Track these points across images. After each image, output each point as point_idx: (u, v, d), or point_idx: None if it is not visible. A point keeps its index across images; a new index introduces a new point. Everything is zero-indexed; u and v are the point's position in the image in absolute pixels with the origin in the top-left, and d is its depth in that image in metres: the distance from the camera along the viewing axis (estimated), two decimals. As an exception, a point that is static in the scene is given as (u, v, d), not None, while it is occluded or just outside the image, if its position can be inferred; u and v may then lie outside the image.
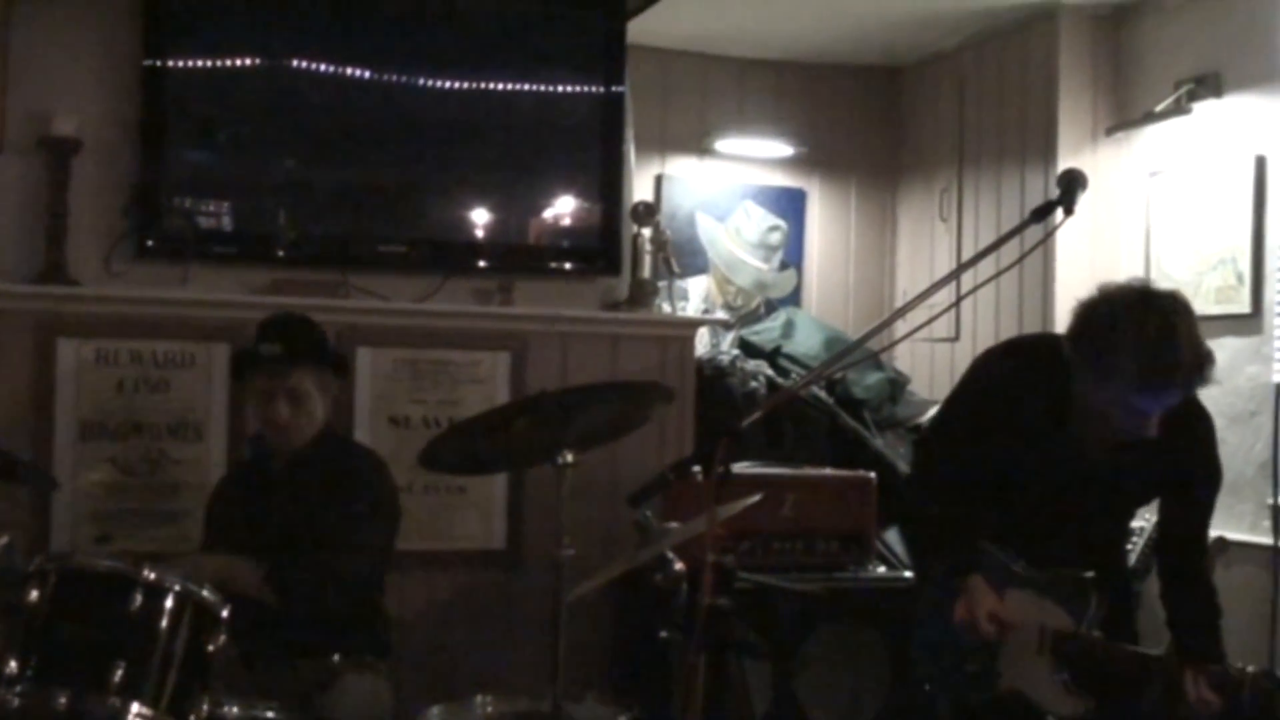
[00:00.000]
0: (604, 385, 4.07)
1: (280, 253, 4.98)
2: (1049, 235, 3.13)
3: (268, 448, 4.12)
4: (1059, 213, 3.05)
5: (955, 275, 3.09)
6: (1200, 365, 3.20)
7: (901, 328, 3.26)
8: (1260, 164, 4.93)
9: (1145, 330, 3.15)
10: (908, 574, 4.82)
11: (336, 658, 3.92)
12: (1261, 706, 3.12)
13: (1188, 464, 3.47)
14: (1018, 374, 3.52)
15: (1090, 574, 3.45)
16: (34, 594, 3.25)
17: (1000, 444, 3.50)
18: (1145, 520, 4.70)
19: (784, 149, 6.40)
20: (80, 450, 4.70)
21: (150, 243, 4.85)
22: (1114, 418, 3.27)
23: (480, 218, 5.25)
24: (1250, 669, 3.17)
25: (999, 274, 3.20)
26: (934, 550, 3.78)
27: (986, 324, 5.86)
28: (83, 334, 4.71)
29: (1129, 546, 4.47)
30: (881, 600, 4.70)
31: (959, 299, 3.31)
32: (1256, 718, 3.13)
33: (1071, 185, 3.05)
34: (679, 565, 3.41)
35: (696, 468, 2.99)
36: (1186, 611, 3.52)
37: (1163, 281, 4.57)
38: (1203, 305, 5.02)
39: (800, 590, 4.48)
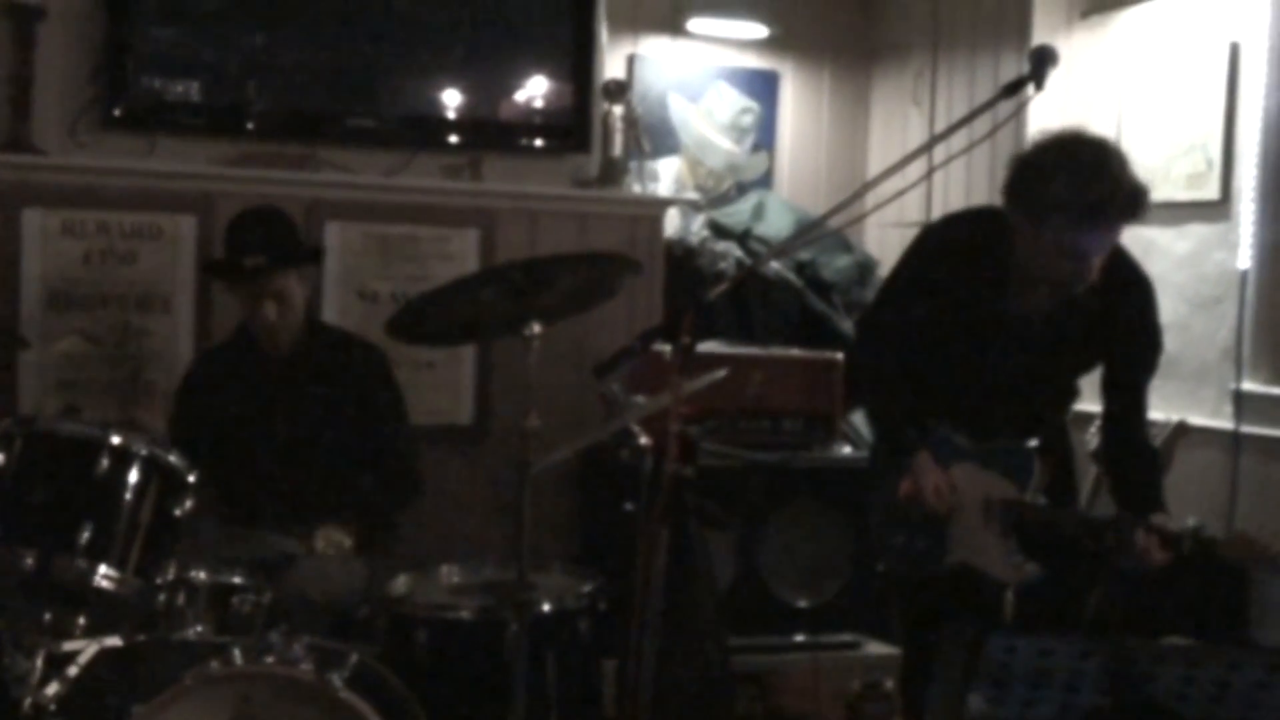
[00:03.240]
0: (570, 256, 4.06)
1: (249, 125, 4.94)
2: (1020, 109, 3.15)
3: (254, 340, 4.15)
4: (1030, 88, 3.06)
5: (926, 148, 3.10)
6: (1135, 195, 3.24)
7: (871, 207, 3.25)
8: (1234, 50, 4.90)
9: (1078, 164, 3.21)
10: (873, 454, 4.87)
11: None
12: (1201, 555, 3.21)
13: (1127, 327, 3.51)
14: (955, 246, 3.55)
15: (1033, 443, 3.50)
16: (0, 458, 3.26)
17: (940, 318, 3.53)
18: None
19: (757, 30, 6.35)
20: (47, 321, 4.68)
21: (117, 113, 4.80)
22: (1055, 267, 3.30)
23: (450, 93, 5.21)
24: (1189, 522, 3.24)
25: (970, 147, 3.21)
26: (878, 429, 3.84)
27: (958, 207, 5.84)
28: (48, 204, 4.67)
29: (1091, 431, 4.52)
30: (845, 479, 4.75)
31: (930, 172, 3.31)
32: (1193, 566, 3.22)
33: (1042, 60, 3.06)
34: (645, 439, 3.43)
35: (663, 342, 3.01)
36: (1128, 470, 3.58)
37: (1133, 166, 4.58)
38: (1172, 191, 5.02)
39: (764, 462, 4.52)
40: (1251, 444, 4.72)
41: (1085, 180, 3.17)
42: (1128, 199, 3.22)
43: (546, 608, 3.57)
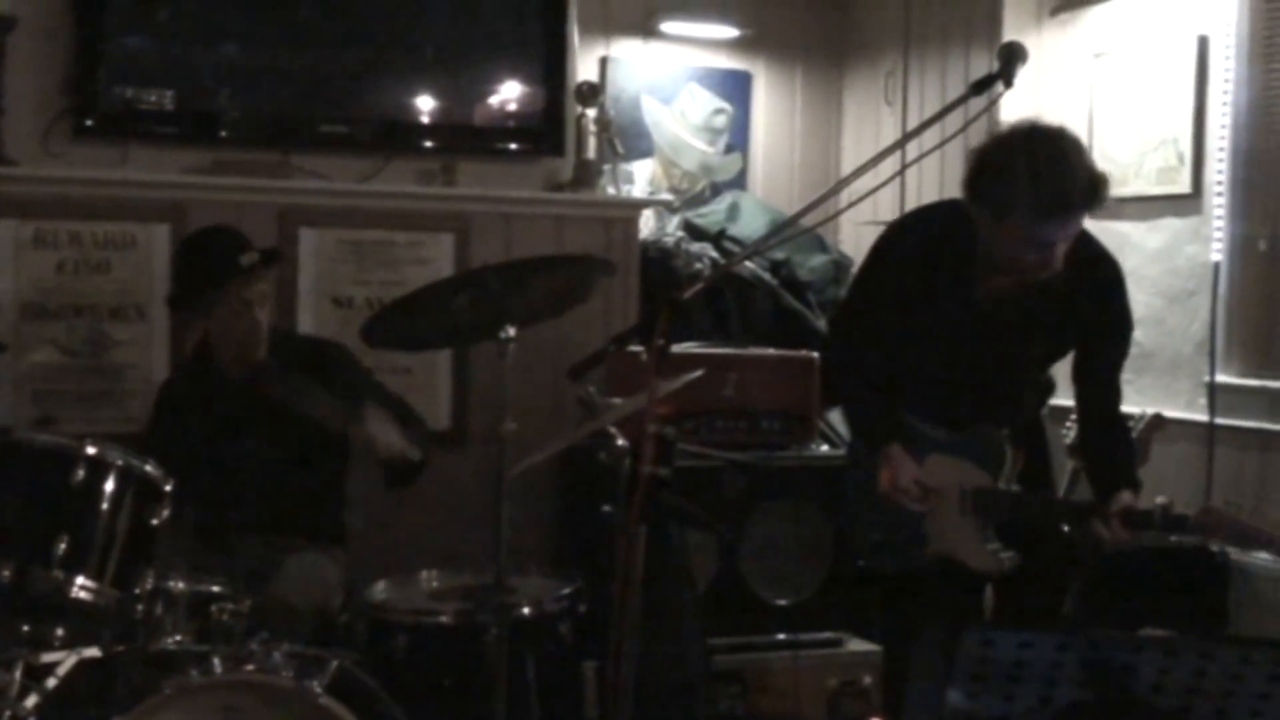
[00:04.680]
0: (545, 259, 4.06)
1: (221, 133, 4.93)
2: (991, 106, 3.15)
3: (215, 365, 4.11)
4: (999, 85, 3.07)
5: (898, 146, 3.10)
6: (1094, 185, 3.26)
7: (845, 204, 3.27)
8: (1202, 44, 4.93)
9: (1035, 156, 3.22)
10: (851, 452, 4.88)
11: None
12: (1171, 531, 3.26)
13: (1097, 310, 3.53)
14: (919, 241, 3.57)
15: (1005, 430, 3.52)
16: (-25, 470, 3.25)
17: (909, 312, 3.55)
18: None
19: (729, 30, 6.36)
20: (21, 332, 4.66)
21: (89, 122, 4.79)
22: (1020, 259, 3.32)
23: (423, 98, 5.21)
24: (1158, 500, 3.28)
25: (942, 144, 3.21)
26: (853, 425, 3.85)
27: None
28: (21, 214, 4.66)
29: (1068, 425, 4.54)
30: (824, 478, 4.75)
31: (902, 169, 3.33)
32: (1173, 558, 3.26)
33: (1011, 58, 3.07)
34: (622, 441, 3.44)
35: (638, 343, 3.01)
36: (1103, 452, 3.60)
37: (1104, 163, 4.60)
38: (1144, 186, 5.05)
39: (742, 462, 4.53)
40: (1226, 435, 4.75)
41: (1045, 178, 3.19)
42: (1087, 188, 3.24)
43: (526, 611, 3.57)
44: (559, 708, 3.61)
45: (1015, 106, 5.10)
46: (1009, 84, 3.06)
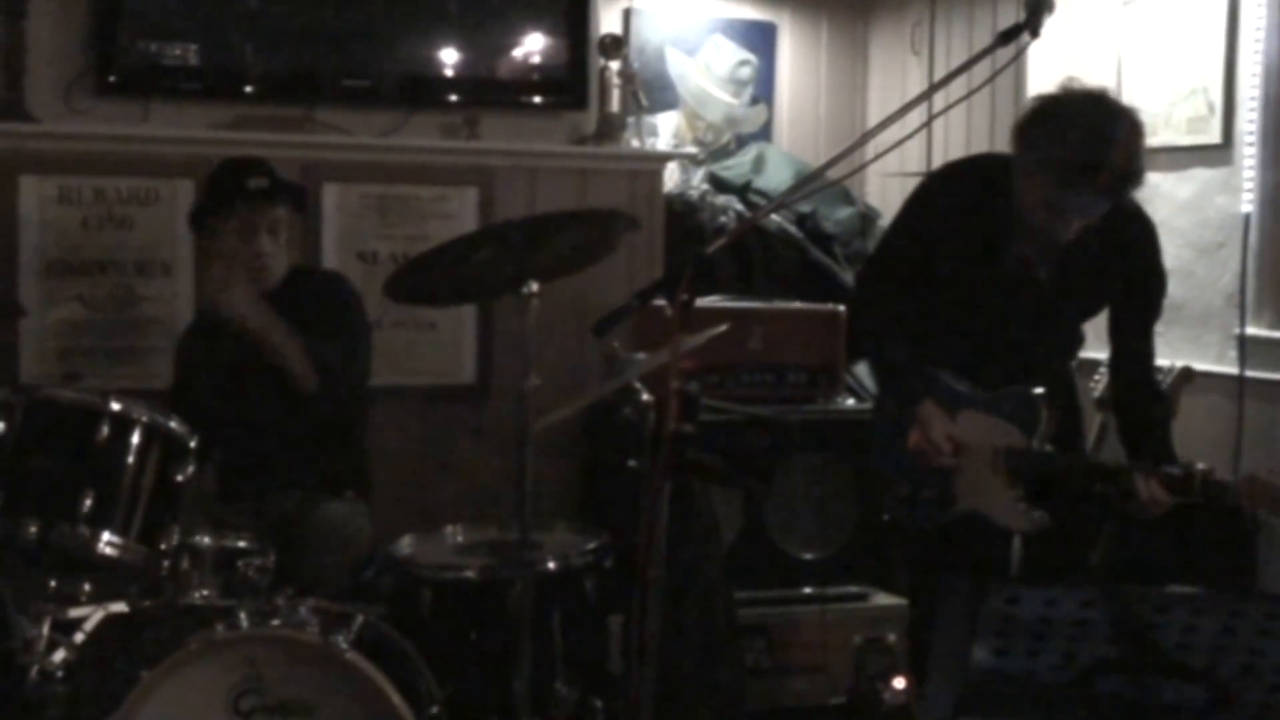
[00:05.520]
0: (568, 213, 4.04)
1: (245, 88, 4.92)
2: (1018, 56, 3.12)
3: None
4: (1026, 35, 3.04)
5: (925, 97, 3.07)
6: (1125, 177, 3.23)
7: (871, 157, 3.24)
8: (1234, -7, 4.88)
9: (1086, 126, 3.20)
10: (876, 406, 4.86)
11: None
12: (1211, 499, 3.22)
13: (1132, 269, 3.51)
14: (956, 195, 3.54)
15: (1039, 390, 3.49)
16: (1, 426, 3.26)
17: (943, 266, 3.52)
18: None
19: (755, -19, 6.32)
20: (46, 288, 4.68)
21: (112, 79, 4.79)
22: (1032, 214, 3.30)
23: (446, 52, 5.19)
24: (1200, 466, 3.25)
25: (969, 95, 3.18)
26: (882, 380, 3.82)
27: (958, 155, 5.81)
28: (45, 171, 4.67)
29: (1095, 379, 4.51)
30: (850, 432, 4.73)
31: (929, 120, 3.29)
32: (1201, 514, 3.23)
33: (1038, 7, 3.03)
34: (647, 396, 3.42)
35: (663, 298, 2.99)
36: (1137, 416, 3.58)
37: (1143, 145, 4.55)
38: (1173, 136, 5.00)
39: (767, 416, 4.52)
40: (1256, 388, 4.71)
41: (1085, 146, 3.17)
42: (1116, 176, 3.22)
43: (551, 566, 3.57)
44: (584, 663, 3.62)
45: (1043, 56, 5.06)
46: (1035, 34, 3.02)
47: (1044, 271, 3.45)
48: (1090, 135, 3.18)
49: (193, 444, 3.39)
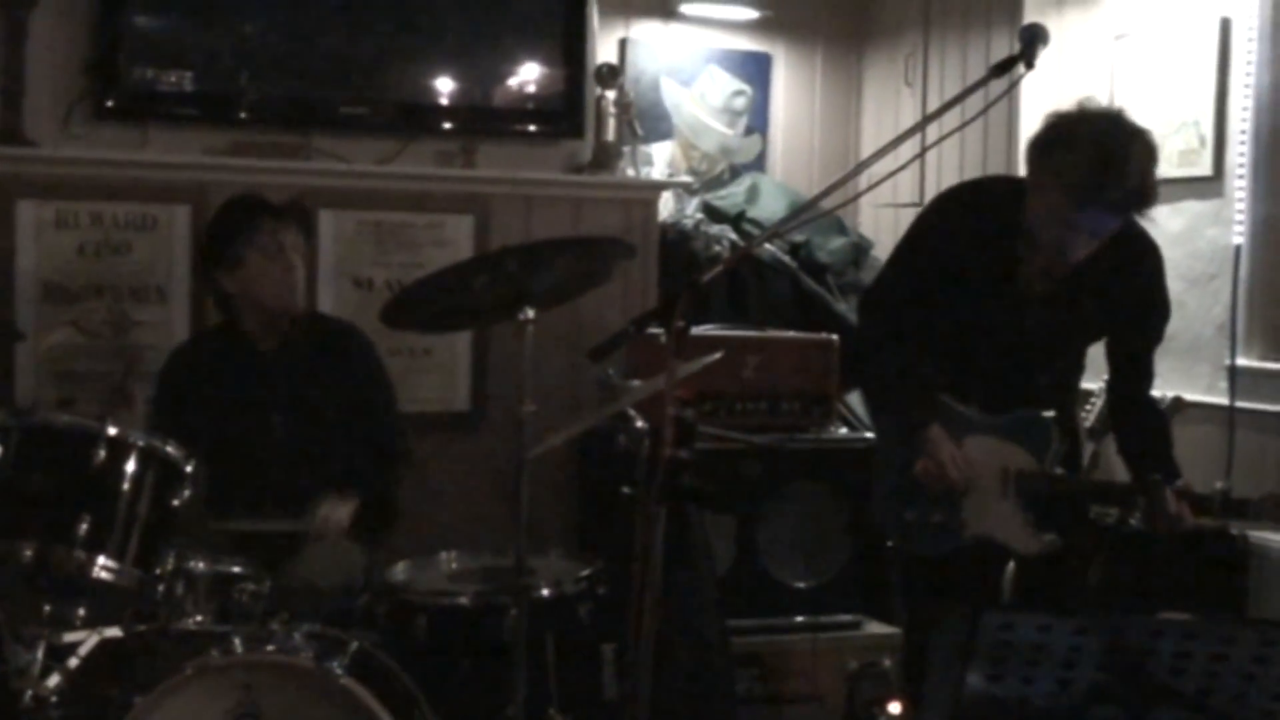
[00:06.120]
0: (564, 240, 4.07)
1: (241, 114, 4.93)
2: (1012, 88, 3.14)
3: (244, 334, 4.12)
4: (1020, 67, 3.06)
5: (918, 128, 3.09)
6: (1143, 195, 3.26)
7: (865, 187, 3.26)
8: (1225, 26, 4.91)
9: (1101, 144, 3.22)
10: (869, 435, 4.86)
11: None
12: (1233, 516, 3.25)
13: (1138, 294, 3.53)
14: (965, 219, 3.55)
15: (1050, 413, 3.50)
16: (-2, 450, 3.27)
17: (951, 288, 3.53)
18: (1102, 380, 4.75)
19: (749, 12, 6.35)
20: (42, 313, 4.67)
21: (109, 104, 4.79)
22: (1045, 233, 3.32)
23: (443, 80, 5.20)
24: (1217, 485, 3.28)
25: (962, 126, 3.21)
26: (888, 407, 3.82)
27: (956, 183, 5.84)
28: (42, 195, 4.67)
29: (1087, 408, 4.53)
30: (843, 460, 4.75)
31: (923, 151, 3.31)
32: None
33: (1032, 39, 3.06)
34: (641, 423, 3.43)
35: (658, 325, 3.01)
36: (1140, 438, 3.60)
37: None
38: (1165, 168, 4.94)
39: (761, 444, 4.53)
40: (1247, 419, 4.73)
41: (1100, 164, 3.20)
42: (1132, 195, 3.25)
43: (545, 592, 3.58)
44: (578, 689, 3.62)
45: (1036, 88, 5.09)
46: (1030, 65, 3.05)
47: (1053, 292, 3.46)
48: (1105, 153, 3.21)
49: (189, 469, 3.39)
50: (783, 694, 4.64)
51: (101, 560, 3.22)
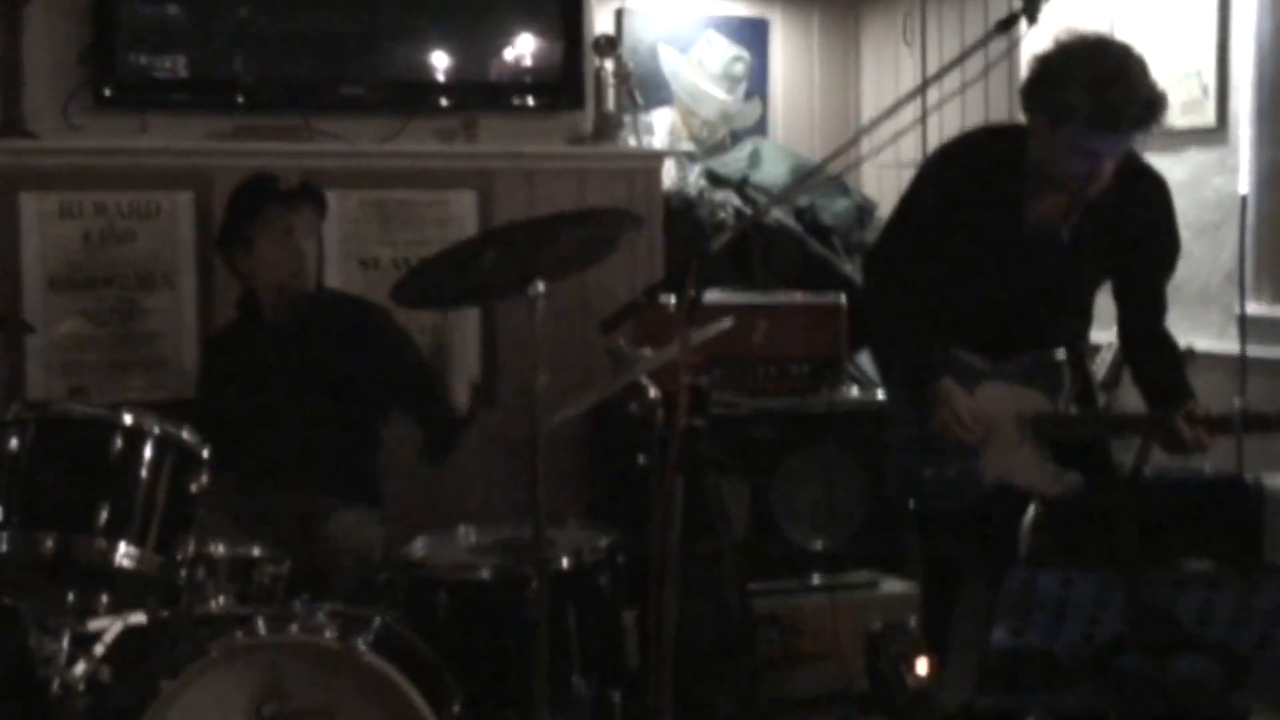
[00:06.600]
0: (571, 213, 4.05)
1: (240, 98, 4.93)
2: (1014, 46, 3.15)
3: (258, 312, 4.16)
4: (1023, 23, 3.06)
5: (919, 91, 3.09)
6: (1152, 104, 3.28)
7: (868, 150, 3.26)
8: (1224, -27, 4.90)
9: (1098, 67, 3.24)
10: (880, 395, 4.86)
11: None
12: (1256, 430, 3.30)
13: (1147, 229, 3.53)
14: (967, 166, 3.54)
15: (1060, 354, 3.51)
16: (13, 443, 3.28)
17: (957, 239, 3.52)
18: (1110, 334, 4.75)
19: (744, -23, 6.33)
20: (50, 303, 4.68)
21: (108, 93, 4.80)
22: (1069, 168, 3.31)
23: (440, 56, 5.20)
24: (1235, 403, 3.29)
25: (964, 88, 3.22)
26: (897, 363, 3.82)
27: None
28: (44, 187, 4.68)
29: (1098, 361, 4.53)
30: (855, 421, 4.75)
31: (924, 115, 3.30)
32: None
33: (1036, -8, 3.05)
34: (654, 392, 3.44)
35: (668, 294, 3.01)
36: (1155, 368, 3.61)
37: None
38: (1168, 119, 5.00)
39: (773, 408, 4.53)
40: (1257, 367, 4.73)
41: (1104, 86, 3.21)
42: (1144, 106, 3.26)
43: (565, 563, 3.59)
44: (601, 658, 3.64)
45: (1036, 45, 5.06)
46: (1033, 20, 3.05)
47: (1061, 234, 3.46)
48: (1108, 73, 3.23)
49: (205, 454, 3.40)
50: (802, 654, 4.65)
51: (122, 548, 3.23)
